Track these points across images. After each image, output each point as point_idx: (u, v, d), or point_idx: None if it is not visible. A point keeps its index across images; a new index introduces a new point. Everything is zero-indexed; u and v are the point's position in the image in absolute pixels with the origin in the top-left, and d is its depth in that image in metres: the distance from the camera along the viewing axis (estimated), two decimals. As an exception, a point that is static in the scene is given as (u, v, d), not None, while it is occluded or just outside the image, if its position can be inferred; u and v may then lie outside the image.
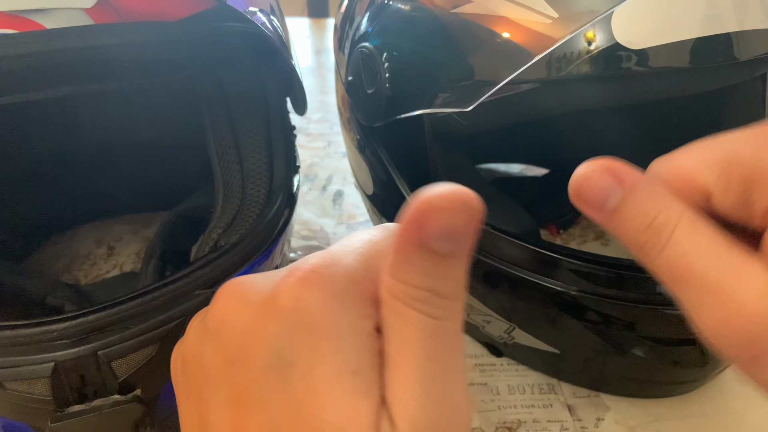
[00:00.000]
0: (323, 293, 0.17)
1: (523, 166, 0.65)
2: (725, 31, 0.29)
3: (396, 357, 0.17)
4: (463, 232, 0.17)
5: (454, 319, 0.17)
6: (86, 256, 0.51)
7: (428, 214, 0.16)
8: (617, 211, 0.19)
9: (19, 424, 0.27)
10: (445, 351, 0.17)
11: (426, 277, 0.17)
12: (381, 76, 0.37)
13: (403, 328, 0.17)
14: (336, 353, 0.16)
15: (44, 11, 0.26)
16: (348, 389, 0.16)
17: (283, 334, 0.17)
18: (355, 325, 0.17)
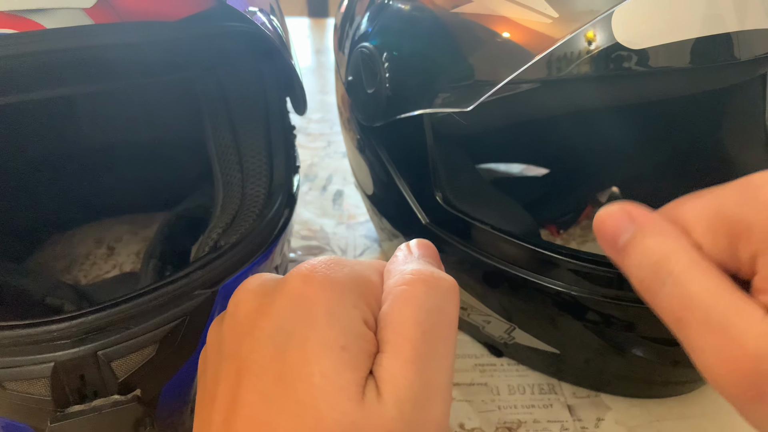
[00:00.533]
0: (324, 282, 0.20)
1: (523, 166, 0.65)
2: (725, 30, 0.29)
3: (393, 339, 0.19)
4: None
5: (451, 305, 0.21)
6: (86, 256, 0.51)
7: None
8: (627, 247, 0.21)
9: (19, 424, 0.27)
10: (442, 336, 0.20)
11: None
12: (381, 76, 0.37)
13: (402, 311, 0.19)
14: (329, 328, 0.19)
15: (44, 11, 0.26)
16: (336, 360, 0.18)
17: (285, 309, 0.19)
18: (348, 311, 0.19)
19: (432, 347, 0.19)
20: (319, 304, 0.19)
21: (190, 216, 0.45)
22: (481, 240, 0.37)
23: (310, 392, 0.18)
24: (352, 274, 0.21)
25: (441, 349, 0.19)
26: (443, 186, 0.38)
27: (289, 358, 0.18)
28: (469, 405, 0.38)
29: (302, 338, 0.18)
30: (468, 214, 0.37)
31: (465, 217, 0.37)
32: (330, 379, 0.18)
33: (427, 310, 0.20)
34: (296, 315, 0.19)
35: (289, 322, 0.19)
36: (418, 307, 0.20)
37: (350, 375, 0.18)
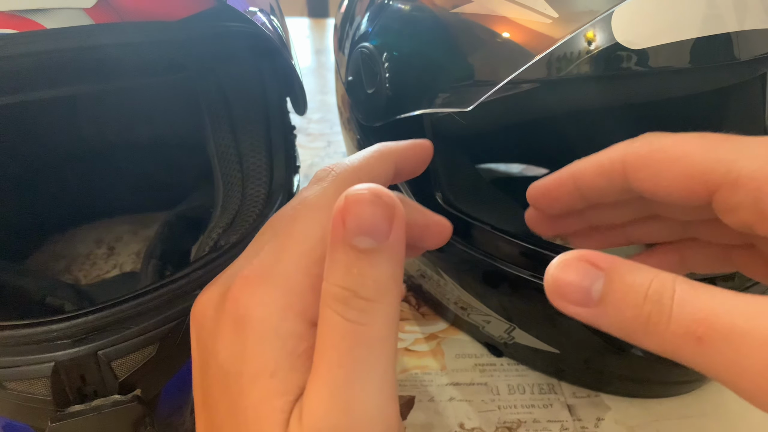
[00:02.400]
0: (254, 300, 0.19)
1: (523, 166, 0.65)
2: (725, 30, 0.29)
3: (315, 359, 0.18)
4: (381, 227, 0.17)
5: (375, 324, 0.17)
6: (86, 256, 0.51)
7: (346, 208, 0.16)
8: (605, 297, 0.18)
9: (19, 424, 0.27)
10: (360, 358, 0.17)
11: (346, 276, 0.17)
12: (381, 76, 0.37)
13: (322, 330, 0.17)
14: (258, 357, 0.18)
15: (44, 11, 0.26)
16: (263, 389, 0.18)
17: (225, 344, 0.19)
18: (277, 329, 0.18)
19: (350, 369, 0.17)
20: (249, 332, 0.18)
21: (190, 216, 0.45)
22: (481, 240, 0.37)
23: (246, 425, 0.18)
24: (290, 265, 0.19)
25: (363, 369, 0.17)
26: (443, 186, 0.38)
27: (232, 393, 0.18)
28: (469, 405, 0.38)
29: (237, 374, 0.18)
30: (468, 214, 0.37)
31: (465, 217, 0.37)
32: (258, 411, 0.18)
33: (342, 333, 0.17)
34: (232, 351, 0.19)
35: (227, 360, 0.19)
36: (331, 328, 0.17)
37: (277, 402, 0.17)
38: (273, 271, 0.19)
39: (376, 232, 0.17)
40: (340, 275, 0.17)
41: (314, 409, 0.17)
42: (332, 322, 0.17)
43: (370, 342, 0.17)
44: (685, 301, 0.17)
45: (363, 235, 0.17)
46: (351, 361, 0.17)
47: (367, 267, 0.17)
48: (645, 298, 0.17)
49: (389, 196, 0.17)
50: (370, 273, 0.17)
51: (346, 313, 0.17)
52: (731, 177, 0.19)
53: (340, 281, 0.17)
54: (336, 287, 0.17)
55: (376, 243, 0.17)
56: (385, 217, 0.17)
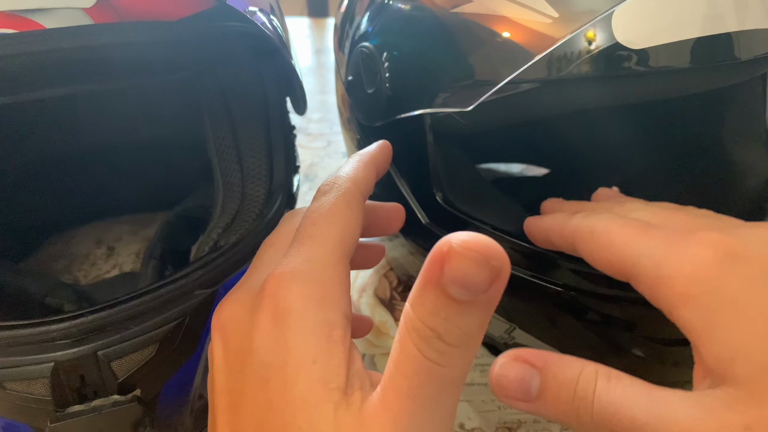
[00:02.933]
0: (292, 295, 0.20)
1: (523, 166, 0.65)
2: (726, 30, 0.29)
3: (385, 382, 0.18)
4: (480, 286, 0.16)
5: (453, 368, 0.18)
6: (86, 256, 0.51)
7: (448, 256, 0.16)
8: (543, 393, 0.19)
9: (18, 424, 0.27)
10: (431, 396, 0.18)
11: (434, 317, 0.17)
12: (381, 76, 0.37)
13: (399, 357, 0.18)
14: (301, 347, 0.19)
15: (44, 11, 0.26)
16: (308, 377, 0.19)
17: (264, 340, 0.20)
18: (315, 318, 0.19)
19: (418, 404, 0.18)
20: (290, 324, 0.19)
21: (190, 216, 0.45)
22: (481, 240, 0.36)
23: (293, 413, 0.18)
24: (319, 266, 0.21)
25: (431, 407, 0.18)
26: (443, 186, 0.38)
27: (272, 387, 0.19)
28: (469, 405, 0.38)
29: (280, 365, 0.19)
30: (468, 214, 0.37)
31: (465, 217, 0.37)
32: (306, 398, 0.18)
33: (417, 369, 0.18)
34: (273, 343, 0.20)
35: (269, 353, 0.20)
36: (410, 361, 0.18)
37: (321, 390, 0.18)
38: (304, 268, 0.20)
39: (475, 288, 0.16)
40: (427, 314, 0.17)
41: (378, 422, 0.18)
42: (410, 353, 0.17)
43: (444, 384, 0.18)
44: (602, 397, 0.19)
45: (460, 287, 0.16)
46: (421, 396, 0.17)
47: (455, 315, 0.17)
48: (574, 394, 0.19)
49: (499, 257, 0.16)
50: (457, 321, 0.17)
51: (426, 351, 0.17)
52: (634, 272, 0.22)
53: (426, 320, 0.17)
54: (420, 323, 0.17)
55: (472, 296, 0.16)
56: (489, 277, 0.16)
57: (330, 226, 0.22)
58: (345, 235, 0.22)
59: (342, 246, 0.21)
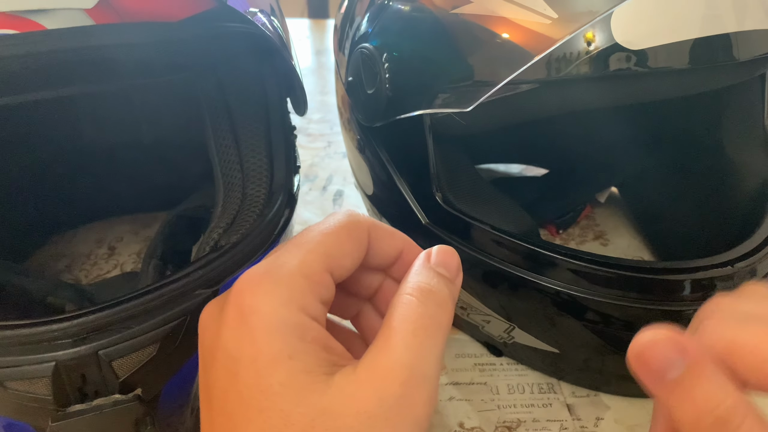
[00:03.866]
0: (257, 292, 0.21)
1: (523, 166, 0.65)
2: (725, 31, 0.30)
3: (383, 332, 0.21)
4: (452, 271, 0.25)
5: (446, 319, 0.23)
6: (87, 256, 0.51)
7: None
8: (679, 384, 0.19)
9: (20, 423, 0.27)
10: (432, 335, 0.21)
11: (429, 277, 0.23)
12: (381, 77, 0.37)
13: (399, 311, 0.21)
14: (270, 345, 0.20)
15: (45, 12, 0.26)
16: (287, 369, 0.19)
17: (230, 335, 0.21)
18: (285, 320, 0.20)
19: (419, 342, 0.21)
20: (255, 323, 0.20)
21: (190, 216, 0.45)
22: (481, 240, 0.37)
23: (272, 399, 0.19)
24: (288, 275, 0.21)
25: (428, 344, 0.21)
26: (443, 186, 0.38)
27: (242, 379, 0.20)
28: (469, 404, 0.38)
29: (249, 359, 0.20)
30: (467, 214, 0.37)
31: (464, 217, 0.37)
32: (288, 385, 0.19)
33: (420, 314, 0.21)
34: (239, 340, 0.20)
35: (235, 348, 0.20)
36: (412, 310, 0.21)
37: (305, 377, 0.19)
38: (276, 271, 0.21)
39: (451, 271, 0.24)
40: (426, 282, 0.23)
41: (377, 365, 0.20)
42: (413, 305, 0.22)
43: (442, 329, 0.22)
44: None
45: (443, 267, 0.24)
46: (424, 335, 0.21)
47: (444, 284, 0.23)
48: (711, 413, 0.18)
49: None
50: (446, 286, 0.23)
51: (427, 304, 0.22)
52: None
53: (426, 285, 0.23)
54: (423, 283, 0.23)
55: (448, 275, 0.24)
56: (458, 267, 0.25)
57: (321, 241, 0.23)
58: (333, 252, 0.23)
59: (326, 259, 0.22)
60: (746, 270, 0.33)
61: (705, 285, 0.33)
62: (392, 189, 0.41)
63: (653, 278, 0.33)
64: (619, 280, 0.33)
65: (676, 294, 0.33)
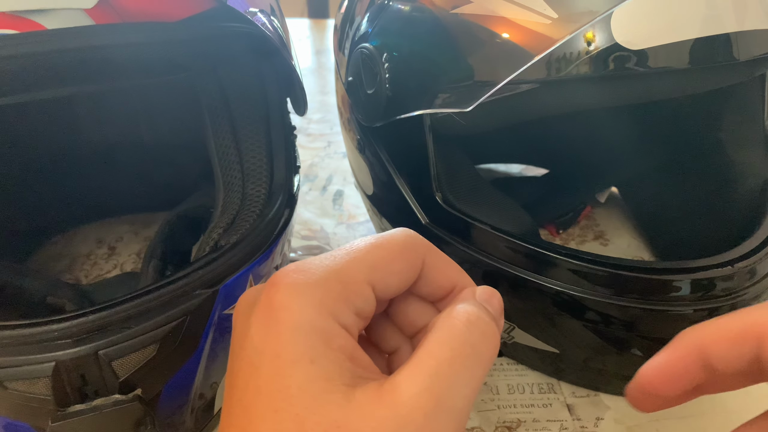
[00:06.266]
0: (290, 292, 0.20)
1: (523, 166, 0.65)
2: (725, 31, 0.30)
3: (419, 354, 0.20)
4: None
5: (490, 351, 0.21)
6: (87, 256, 0.51)
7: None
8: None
9: (20, 423, 0.27)
10: (468, 366, 0.20)
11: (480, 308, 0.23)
12: (381, 77, 0.37)
13: (439, 334, 0.20)
14: (294, 345, 0.19)
15: (45, 12, 0.26)
16: (306, 373, 0.19)
17: (258, 328, 0.20)
18: (313, 322, 0.20)
19: (454, 371, 0.19)
20: (283, 319, 0.20)
21: (190, 216, 0.45)
22: (481, 240, 0.37)
23: (289, 401, 0.19)
24: (325, 278, 0.21)
25: (464, 376, 0.20)
26: (443, 186, 0.38)
27: (262, 374, 0.20)
28: (469, 404, 0.38)
29: (272, 355, 0.20)
30: (467, 214, 0.37)
31: (464, 217, 0.37)
32: (305, 390, 0.19)
33: (461, 342, 0.20)
34: (265, 333, 0.20)
35: (261, 341, 0.20)
36: (454, 337, 0.20)
37: (325, 384, 0.19)
38: (312, 272, 0.21)
39: (495, 310, 0.23)
40: (473, 312, 0.22)
41: (402, 388, 0.19)
42: (456, 330, 0.20)
43: (482, 362, 0.20)
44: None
45: (488, 305, 0.23)
46: (461, 365, 0.20)
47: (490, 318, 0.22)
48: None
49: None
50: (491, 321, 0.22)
51: (472, 332, 0.21)
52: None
53: (472, 315, 0.21)
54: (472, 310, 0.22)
55: (494, 313, 0.22)
56: (501, 308, 0.23)
57: (369, 251, 0.22)
58: (379, 266, 0.22)
59: (369, 271, 0.22)
60: (746, 270, 0.33)
61: (705, 285, 0.33)
62: (392, 189, 0.41)
63: (653, 278, 0.33)
64: (619, 280, 0.33)
65: (676, 294, 0.33)
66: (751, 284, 0.34)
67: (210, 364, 0.31)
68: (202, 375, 0.31)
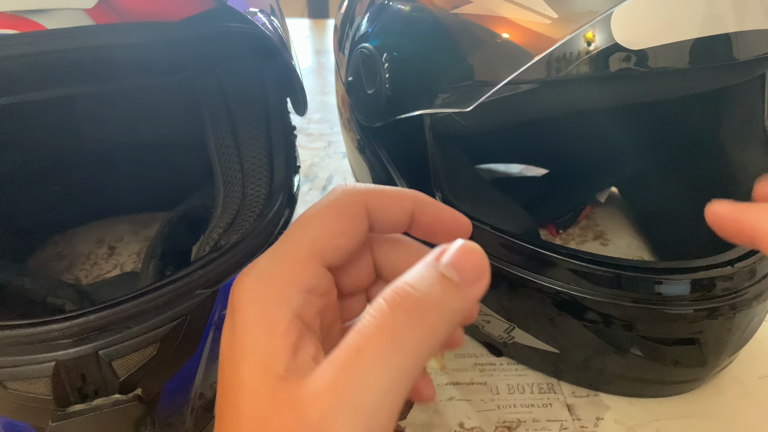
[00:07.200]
0: (240, 290, 0.21)
1: (523, 166, 0.65)
2: (725, 31, 0.30)
3: (343, 341, 0.18)
4: (470, 277, 0.21)
5: (415, 338, 0.18)
6: (87, 255, 0.51)
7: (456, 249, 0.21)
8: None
9: (20, 423, 0.27)
10: (381, 353, 0.18)
11: (420, 281, 0.19)
12: (381, 77, 0.37)
13: (364, 322, 0.18)
14: (244, 338, 0.20)
15: (45, 12, 0.26)
16: (248, 364, 0.19)
17: (225, 331, 0.21)
18: (257, 316, 0.20)
19: (363, 362, 0.17)
20: (237, 319, 0.20)
21: (190, 216, 0.45)
22: (481, 240, 0.36)
23: (239, 395, 0.19)
24: (266, 266, 0.21)
25: (377, 367, 0.17)
26: (443, 186, 0.38)
27: (226, 374, 0.20)
28: (469, 404, 0.38)
29: (231, 355, 0.20)
30: (467, 213, 0.37)
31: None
32: (246, 382, 0.19)
33: (378, 326, 0.18)
34: (227, 336, 0.21)
35: (225, 345, 0.21)
36: (373, 320, 0.18)
37: (258, 375, 0.19)
38: (261, 266, 0.21)
39: (465, 273, 0.20)
40: (409, 286, 0.19)
41: (311, 384, 0.17)
42: (377, 312, 0.18)
43: (409, 348, 0.18)
44: None
45: (454, 269, 0.20)
46: (372, 354, 0.17)
47: (440, 290, 0.19)
48: None
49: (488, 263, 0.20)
50: (443, 293, 0.19)
51: (395, 312, 0.18)
52: None
53: (403, 291, 0.19)
54: (406, 285, 0.19)
55: (458, 280, 0.19)
56: (478, 272, 0.21)
57: (306, 228, 0.22)
58: (319, 235, 0.21)
59: (311, 245, 0.21)
60: (746, 270, 0.33)
61: (705, 285, 0.33)
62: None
63: (653, 278, 0.33)
64: (619, 280, 0.33)
65: (677, 294, 0.33)
66: (751, 284, 0.34)
67: (210, 364, 0.31)
68: (202, 375, 0.31)
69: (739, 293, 0.33)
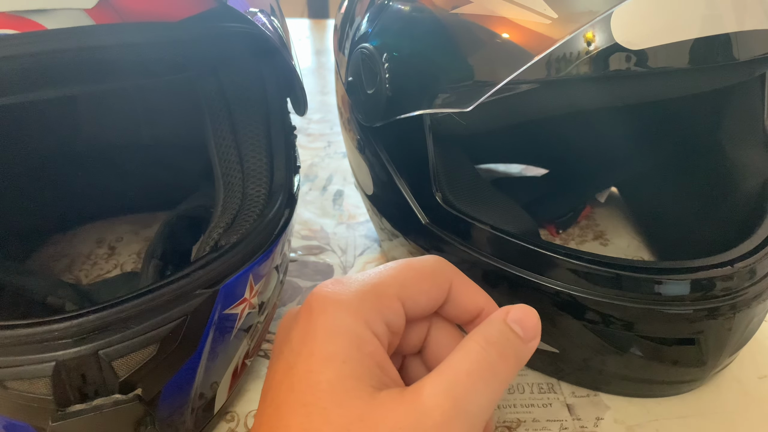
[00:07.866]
0: (325, 302, 0.23)
1: (523, 166, 0.65)
2: (724, 31, 0.30)
3: (442, 366, 0.22)
4: (530, 334, 0.24)
5: (506, 372, 0.23)
6: (87, 255, 0.52)
7: (519, 308, 0.25)
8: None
9: (20, 423, 0.27)
10: (485, 379, 0.22)
11: (499, 335, 0.24)
12: (381, 77, 0.37)
13: (460, 352, 0.22)
14: (327, 344, 0.21)
15: (45, 12, 0.26)
16: (337, 371, 0.21)
17: (297, 332, 0.23)
18: (349, 328, 0.22)
19: (472, 382, 0.21)
20: (319, 324, 0.22)
21: (190, 216, 0.45)
22: (481, 240, 0.37)
23: (317, 396, 0.20)
24: (360, 290, 0.23)
25: (480, 387, 0.21)
26: (443, 186, 0.38)
27: (297, 372, 0.21)
28: (469, 404, 0.38)
29: (307, 354, 0.22)
30: (467, 214, 0.37)
31: (464, 217, 0.37)
32: (334, 386, 0.20)
33: (479, 359, 0.22)
34: (303, 335, 0.22)
35: (299, 343, 0.22)
36: (472, 353, 0.22)
37: (353, 383, 0.21)
38: (350, 283, 0.23)
39: (527, 331, 0.24)
40: (495, 333, 0.23)
41: (423, 390, 0.21)
42: (476, 348, 0.22)
43: (498, 379, 0.22)
44: None
45: (519, 325, 0.24)
46: (477, 377, 0.21)
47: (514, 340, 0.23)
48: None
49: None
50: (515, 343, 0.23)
51: (489, 352, 0.22)
52: None
53: (493, 337, 0.23)
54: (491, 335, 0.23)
55: (522, 334, 0.24)
56: (536, 330, 0.24)
57: (400, 270, 0.24)
58: (409, 284, 0.24)
59: (400, 288, 0.24)
60: (746, 270, 0.33)
61: (705, 285, 0.33)
62: (392, 189, 0.41)
63: (653, 278, 0.33)
64: (619, 280, 0.33)
65: (677, 294, 0.33)
66: (751, 284, 0.34)
67: (210, 364, 0.31)
68: (202, 375, 0.31)
69: (739, 293, 0.33)
